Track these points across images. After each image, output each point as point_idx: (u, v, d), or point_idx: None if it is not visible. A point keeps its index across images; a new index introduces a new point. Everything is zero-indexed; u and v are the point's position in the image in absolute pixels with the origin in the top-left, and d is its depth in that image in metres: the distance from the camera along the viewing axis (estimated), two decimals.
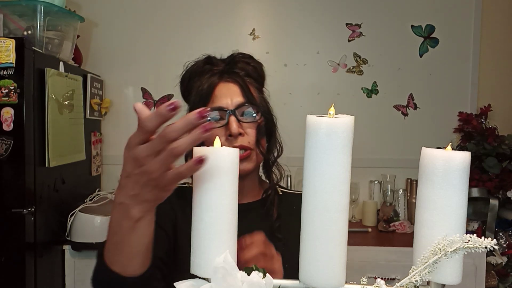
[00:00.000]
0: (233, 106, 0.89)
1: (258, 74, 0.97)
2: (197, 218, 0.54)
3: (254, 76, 0.96)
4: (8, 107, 1.60)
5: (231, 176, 0.54)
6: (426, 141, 2.15)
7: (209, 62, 0.95)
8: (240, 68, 0.94)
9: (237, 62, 0.95)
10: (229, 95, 0.90)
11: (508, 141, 2.22)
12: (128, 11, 2.47)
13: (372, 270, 1.90)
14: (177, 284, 0.55)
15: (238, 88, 0.91)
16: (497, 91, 2.45)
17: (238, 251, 0.56)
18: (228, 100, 0.90)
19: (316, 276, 0.52)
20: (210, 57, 0.97)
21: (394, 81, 2.46)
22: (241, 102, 0.90)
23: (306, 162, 0.53)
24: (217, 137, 0.57)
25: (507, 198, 2.14)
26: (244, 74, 0.94)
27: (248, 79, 0.94)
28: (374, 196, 2.38)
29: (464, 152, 0.55)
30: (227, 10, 2.46)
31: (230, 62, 0.96)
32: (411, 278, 0.53)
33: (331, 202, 0.52)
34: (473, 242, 0.51)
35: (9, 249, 1.61)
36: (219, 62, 0.96)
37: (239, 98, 0.90)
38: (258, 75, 0.97)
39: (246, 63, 0.96)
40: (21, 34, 1.80)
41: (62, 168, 1.87)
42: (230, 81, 0.92)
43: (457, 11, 2.43)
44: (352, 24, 2.45)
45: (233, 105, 0.89)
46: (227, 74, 0.93)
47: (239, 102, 0.90)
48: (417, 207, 0.58)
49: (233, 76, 0.92)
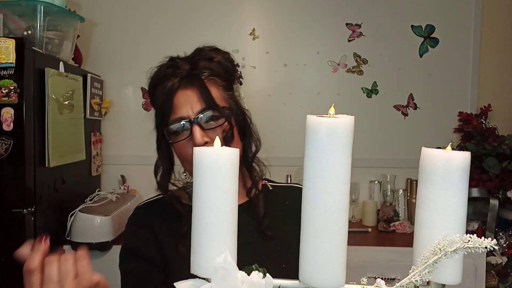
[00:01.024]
0: (194, 114, 0.85)
1: (223, 68, 0.91)
2: (197, 218, 0.54)
3: (219, 73, 0.90)
4: (8, 107, 1.60)
5: (231, 176, 0.54)
6: (426, 141, 2.15)
7: (172, 65, 0.91)
8: (203, 67, 0.89)
9: (198, 61, 0.90)
10: (188, 103, 0.86)
11: (508, 141, 2.22)
12: (128, 11, 2.47)
13: (372, 270, 1.90)
14: (177, 284, 0.55)
15: (196, 94, 0.86)
16: (497, 91, 2.45)
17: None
18: (188, 108, 0.86)
19: (316, 276, 0.52)
20: (173, 58, 0.93)
21: (394, 81, 2.46)
22: (201, 108, 0.86)
23: (306, 162, 0.53)
24: (217, 137, 0.57)
25: (507, 198, 2.14)
26: (207, 74, 0.89)
27: (211, 78, 0.89)
28: (374, 196, 2.38)
29: (464, 152, 0.55)
30: (227, 10, 2.46)
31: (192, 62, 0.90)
32: (411, 278, 0.53)
33: (331, 202, 0.52)
34: (473, 242, 0.51)
35: (9, 249, 1.61)
36: (182, 64, 0.90)
37: (198, 104, 0.86)
38: (224, 70, 0.91)
39: (209, 59, 0.91)
40: (21, 34, 1.80)
41: (62, 168, 1.87)
42: (188, 87, 0.87)
43: (457, 11, 2.43)
44: (352, 24, 2.45)
45: (194, 113, 0.86)
46: (186, 79, 0.88)
47: (199, 109, 0.86)
48: (417, 207, 0.58)
49: (192, 80, 0.87)
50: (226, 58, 0.93)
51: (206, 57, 0.91)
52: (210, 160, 0.53)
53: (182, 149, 0.88)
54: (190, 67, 0.89)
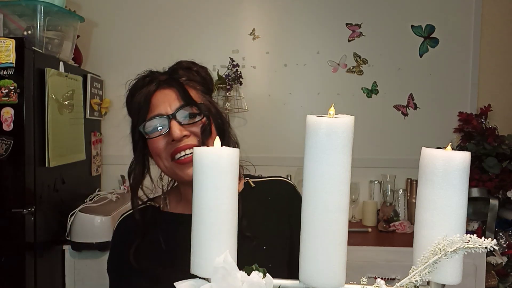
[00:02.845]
0: (172, 111, 0.87)
1: (201, 77, 0.94)
2: (197, 218, 0.54)
3: (197, 80, 0.93)
4: (8, 107, 1.60)
5: (231, 176, 0.54)
6: (426, 141, 2.15)
7: (150, 76, 0.93)
8: (182, 74, 0.92)
9: (177, 69, 0.93)
10: (166, 101, 0.88)
11: (508, 141, 2.22)
12: (128, 11, 2.47)
13: (372, 270, 1.90)
14: (177, 284, 0.55)
15: (175, 92, 0.88)
16: (497, 91, 2.45)
17: None
18: (166, 106, 0.88)
19: (316, 276, 0.52)
20: (152, 71, 0.95)
21: (394, 81, 2.46)
22: (180, 105, 0.87)
23: (306, 162, 0.53)
24: (217, 137, 0.57)
25: (507, 198, 2.14)
26: (185, 79, 0.92)
27: (190, 83, 0.92)
28: (374, 196, 2.38)
29: (464, 152, 0.55)
30: (227, 10, 2.46)
31: (170, 72, 0.93)
32: (411, 278, 0.53)
33: (331, 202, 0.52)
34: (473, 242, 0.51)
35: (9, 249, 1.61)
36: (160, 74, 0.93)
37: (177, 102, 0.88)
38: (202, 78, 0.95)
39: (187, 68, 0.94)
40: (21, 34, 1.80)
41: (62, 168, 1.87)
42: (167, 87, 0.89)
43: (457, 11, 2.43)
44: (352, 24, 2.45)
45: (172, 109, 0.87)
46: (164, 82, 0.90)
47: (177, 105, 0.87)
48: (417, 207, 0.58)
49: (170, 82, 0.90)
50: (204, 71, 0.96)
51: (185, 66, 0.94)
52: (210, 160, 0.53)
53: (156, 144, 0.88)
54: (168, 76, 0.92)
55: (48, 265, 1.83)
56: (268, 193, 0.99)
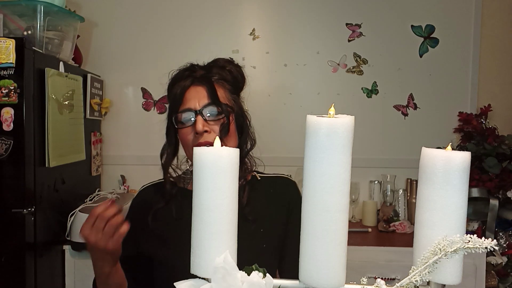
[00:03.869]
0: (200, 107, 1.01)
1: (232, 76, 1.08)
2: (197, 218, 0.54)
3: (228, 79, 1.07)
4: (8, 107, 1.60)
5: (231, 176, 0.54)
6: (426, 141, 2.15)
7: (190, 69, 1.06)
8: (215, 73, 1.06)
9: (212, 67, 1.07)
10: (197, 97, 1.02)
11: (508, 141, 2.22)
12: (128, 11, 2.47)
13: (372, 270, 1.90)
14: (177, 284, 0.55)
15: (205, 90, 1.02)
16: (497, 91, 2.45)
17: None
18: (196, 102, 1.02)
19: (316, 276, 0.52)
20: (192, 64, 1.08)
21: (394, 81, 2.46)
22: (207, 103, 1.01)
23: (306, 162, 0.53)
24: (217, 137, 0.58)
25: (507, 198, 2.14)
26: (218, 77, 1.05)
27: (220, 81, 1.05)
28: (374, 196, 2.38)
29: (464, 152, 0.55)
30: (227, 10, 2.46)
31: (206, 68, 1.07)
32: (411, 278, 0.53)
33: (331, 202, 0.52)
34: (473, 242, 0.51)
35: (9, 249, 1.61)
36: (198, 69, 1.06)
37: (205, 99, 1.02)
38: (233, 77, 1.08)
39: (222, 67, 1.07)
40: (21, 34, 1.80)
41: (62, 168, 1.87)
42: (199, 85, 1.03)
43: (457, 11, 2.43)
44: (352, 24, 2.45)
45: (200, 106, 1.01)
46: (199, 79, 1.04)
47: (205, 103, 1.01)
48: (417, 207, 0.58)
49: (203, 80, 1.03)
50: (237, 70, 1.10)
51: (220, 65, 1.08)
52: (210, 160, 0.53)
53: (185, 136, 1.03)
54: (204, 72, 1.06)
55: (48, 265, 1.83)
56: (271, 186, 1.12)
